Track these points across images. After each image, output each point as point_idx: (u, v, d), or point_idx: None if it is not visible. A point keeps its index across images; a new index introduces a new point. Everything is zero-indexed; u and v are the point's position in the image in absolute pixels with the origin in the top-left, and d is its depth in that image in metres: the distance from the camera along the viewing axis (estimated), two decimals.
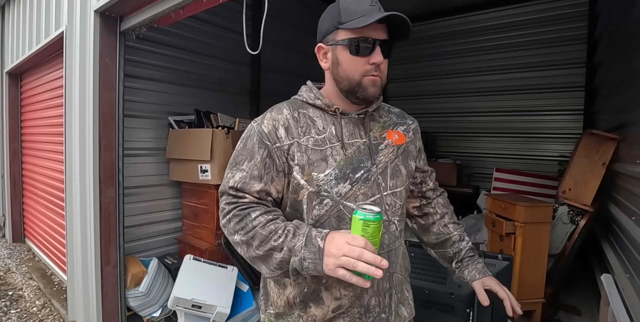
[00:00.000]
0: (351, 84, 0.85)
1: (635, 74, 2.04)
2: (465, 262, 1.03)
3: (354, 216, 0.73)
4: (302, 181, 0.84)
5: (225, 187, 0.86)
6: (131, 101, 2.65)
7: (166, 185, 2.91)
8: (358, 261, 0.69)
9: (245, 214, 0.81)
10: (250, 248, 0.81)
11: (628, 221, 1.88)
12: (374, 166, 0.88)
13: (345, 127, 0.89)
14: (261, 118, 0.89)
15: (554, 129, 4.17)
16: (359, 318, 0.88)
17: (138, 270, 2.34)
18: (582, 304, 2.65)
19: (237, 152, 0.88)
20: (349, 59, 0.83)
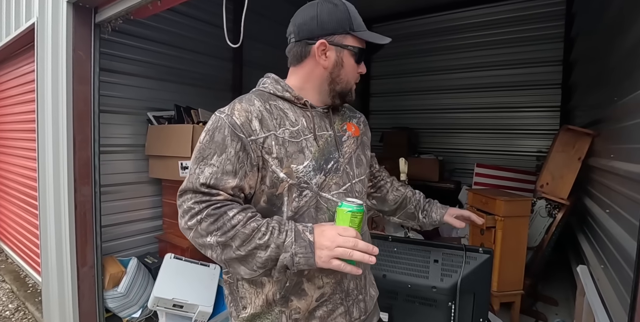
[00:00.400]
0: (347, 87, 0.92)
1: (609, 72, 2.10)
2: (427, 208, 1.17)
3: (340, 208, 0.78)
4: (282, 174, 0.82)
5: (193, 184, 0.79)
6: (108, 96, 2.57)
7: (145, 182, 2.83)
8: (353, 251, 0.73)
9: (221, 213, 0.76)
10: (227, 250, 0.76)
11: (602, 214, 1.94)
12: (341, 156, 0.91)
13: (314, 119, 0.90)
14: (229, 109, 0.84)
15: (532, 125, 4.28)
16: (340, 303, 0.90)
17: (116, 270, 2.28)
18: (559, 294, 2.74)
19: (203, 145, 0.82)
20: (352, 65, 0.90)
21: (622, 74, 1.77)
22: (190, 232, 0.78)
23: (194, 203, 0.77)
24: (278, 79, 0.92)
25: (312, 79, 0.91)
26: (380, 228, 3.03)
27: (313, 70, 0.90)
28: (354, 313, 0.93)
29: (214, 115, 0.85)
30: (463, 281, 1.27)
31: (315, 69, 0.90)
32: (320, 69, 0.89)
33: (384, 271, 1.35)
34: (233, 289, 0.93)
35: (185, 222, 0.78)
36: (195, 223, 0.77)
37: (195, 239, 0.78)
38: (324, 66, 0.89)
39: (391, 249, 1.37)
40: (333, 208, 0.87)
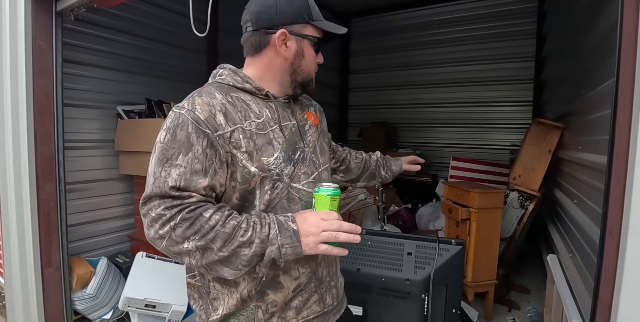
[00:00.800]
0: (307, 77, 0.91)
1: (576, 67, 2.16)
2: (386, 163, 1.29)
3: (317, 194, 0.78)
4: (253, 168, 0.80)
5: (161, 188, 0.72)
6: (73, 89, 2.45)
7: (116, 179, 2.73)
8: (339, 232, 0.74)
9: (197, 216, 0.71)
10: (208, 253, 0.72)
11: (570, 204, 2.00)
12: (306, 146, 0.91)
13: (277, 109, 0.88)
14: (190, 104, 0.78)
15: (506, 120, 4.38)
16: (315, 291, 0.90)
17: (85, 271, 2.19)
18: (531, 283, 2.82)
19: (165, 145, 0.75)
20: (312, 55, 0.89)
21: (588, 68, 1.82)
22: (163, 241, 0.72)
23: (164, 209, 0.72)
24: (236, 69, 0.88)
25: (272, 70, 0.88)
26: (358, 221, 3.04)
27: (273, 60, 0.87)
28: (327, 300, 0.94)
29: (173, 112, 0.79)
30: (436, 272, 1.28)
31: (276, 59, 0.87)
32: (281, 59, 0.87)
33: (357, 265, 1.35)
34: (203, 292, 0.89)
35: (156, 231, 0.72)
36: (169, 230, 0.71)
37: (169, 247, 0.73)
38: (285, 56, 0.86)
39: (365, 242, 1.36)
40: (305, 198, 0.86)
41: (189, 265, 0.75)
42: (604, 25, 1.57)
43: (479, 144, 4.53)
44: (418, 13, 4.83)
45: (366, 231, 1.40)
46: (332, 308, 0.96)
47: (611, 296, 0.64)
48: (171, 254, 0.74)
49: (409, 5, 4.82)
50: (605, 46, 1.54)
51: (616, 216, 0.64)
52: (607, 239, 0.68)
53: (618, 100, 0.66)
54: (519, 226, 2.59)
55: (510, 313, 2.44)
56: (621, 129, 0.63)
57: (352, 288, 1.35)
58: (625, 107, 0.65)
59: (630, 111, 0.62)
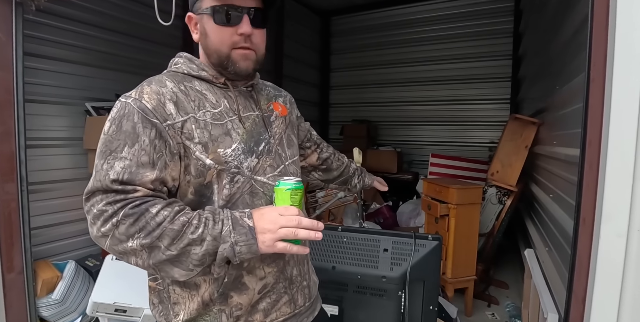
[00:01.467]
0: (220, 57, 0.79)
1: (550, 63, 2.19)
2: (362, 174, 1.29)
3: (278, 188, 0.73)
4: (208, 160, 0.74)
5: (102, 182, 0.67)
6: (36, 84, 2.32)
7: (85, 179, 2.59)
8: (298, 229, 0.69)
9: (142, 211, 0.65)
10: (155, 252, 0.66)
11: (546, 198, 2.02)
12: (271, 137, 0.85)
13: (237, 99, 0.82)
14: (137, 93, 0.73)
15: (484, 117, 4.44)
16: (284, 292, 0.85)
17: (50, 275, 2.08)
18: (510, 278, 2.85)
19: (109, 136, 0.70)
20: (215, 29, 0.77)
21: (561, 63, 1.84)
22: (106, 239, 0.66)
23: (106, 205, 0.66)
24: (192, 57, 0.83)
25: (203, 58, 0.84)
26: (338, 220, 3.01)
27: (200, 48, 0.84)
28: (298, 300, 0.88)
29: (119, 101, 0.73)
30: (413, 269, 1.25)
31: (200, 47, 0.83)
32: (198, 43, 0.83)
33: (333, 263, 1.31)
34: (163, 296, 0.83)
35: (98, 229, 0.66)
36: (111, 228, 0.65)
37: (113, 246, 0.66)
38: (196, 40, 0.83)
39: (341, 239, 1.32)
40: (270, 192, 0.81)
41: (137, 265, 0.68)
42: (574, 21, 1.58)
43: (458, 141, 4.59)
44: (397, 11, 4.84)
45: (342, 227, 1.37)
46: (304, 309, 0.91)
47: (585, 287, 0.62)
48: (116, 254, 0.68)
49: (388, 4, 4.84)
50: (576, 41, 1.56)
51: (589, 204, 0.62)
52: (581, 229, 0.66)
53: (590, 87, 0.65)
54: (497, 222, 2.62)
55: (489, 308, 2.45)
56: (593, 114, 0.61)
57: (328, 287, 1.31)
58: (597, 93, 0.63)
59: (602, 95, 0.60)
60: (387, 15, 4.92)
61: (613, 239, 0.57)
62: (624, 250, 0.56)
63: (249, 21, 0.76)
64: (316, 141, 1.17)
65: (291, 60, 4.74)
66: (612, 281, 0.58)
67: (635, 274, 0.56)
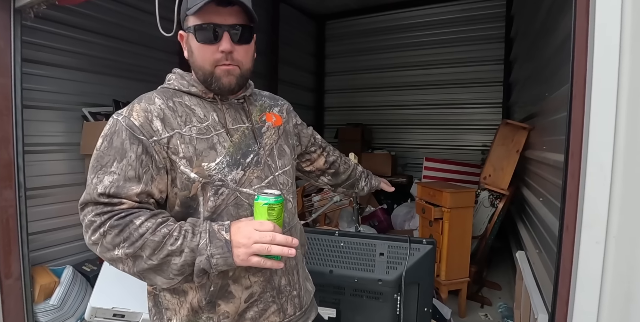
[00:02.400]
0: (204, 74, 0.81)
1: (541, 69, 2.25)
2: (368, 176, 1.32)
3: (256, 201, 0.74)
4: (193, 174, 0.78)
5: (91, 195, 0.72)
6: (34, 90, 2.33)
7: (81, 184, 2.56)
8: (271, 245, 0.71)
9: (126, 223, 0.70)
10: (138, 261, 0.71)
11: (537, 202, 2.07)
12: (261, 149, 0.87)
13: (227, 112, 0.85)
14: (127, 110, 0.78)
15: (477, 121, 4.51)
16: (272, 301, 0.87)
17: (48, 281, 2.09)
18: (502, 279, 2.91)
19: (101, 152, 0.75)
20: (198, 47, 0.80)
21: (551, 71, 1.89)
22: (97, 247, 0.72)
23: (95, 216, 0.71)
24: (183, 73, 0.87)
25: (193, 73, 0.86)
26: (334, 223, 3.04)
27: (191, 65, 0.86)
28: (288, 310, 0.90)
29: (111, 119, 0.78)
30: (408, 272, 1.29)
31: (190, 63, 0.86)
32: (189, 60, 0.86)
33: (330, 267, 1.34)
34: (157, 301, 0.87)
35: (89, 237, 0.72)
36: (99, 237, 0.70)
37: (103, 254, 0.72)
38: (185, 57, 0.85)
39: (337, 243, 1.36)
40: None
41: (125, 272, 0.73)
42: (562, 30, 1.64)
43: (451, 144, 4.65)
44: (391, 16, 4.91)
45: (338, 232, 1.40)
46: (295, 319, 0.92)
47: (568, 290, 0.66)
48: (107, 261, 0.74)
49: (383, 9, 4.90)
50: (564, 51, 1.61)
51: (572, 212, 0.67)
52: (564, 235, 0.70)
53: (572, 101, 0.69)
54: (490, 224, 2.67)
55: (482, 309, 2.50)
56: (575, 127, 0.66)
57: (325, 290, 1.35)
58: (578, 109, 0.67)
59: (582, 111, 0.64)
60: (382, 20, 4.98)
61: (593, 245, 0.62)
62: (602, 255, 0.61)
63: (230, 38, 0.78)
64: (321, 145, 1.18)
65: (286, 65, 4.78)
66: (592, 284, 0.62)
67: (612, 278, 0.61)
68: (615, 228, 0.60)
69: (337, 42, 5.38)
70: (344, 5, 4.97)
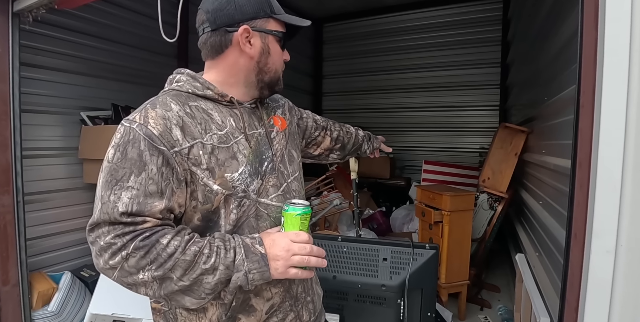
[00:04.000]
0: (275, 76, 0.84)
1: (539, 73, 2.26)
2: (371, 139, 1.35)
3: (286, 212, 0.73)
4: (216, 186, 0.73)
5: (109, 215, 0.65)
6: (32, 94, 2.31)
7: (80, 189, 2.59)
8: (310, 257, 0.71)
9: (152, 243, 0.64)
10: (167, 283, 0.65)
11: (536, 205, 2.09)
12: (274, 155, 0.84)
13: (243, 117, 0.81)
14: (142, 117, 0.70)
15: (474, 123, 4.53)
16: (290, 310, 0.85)
17: (46, 287, 2.06)
18: (501, 282, 2.92)
19: (114, 165, 0.67)
20: (278, 51, 0.82)
21: (550, 75, 1.91)
22: (114, 271, 0.65)
23: (114, 237, 0.64)
24: (195, 74, 0.81)
25: (237, 71, 0.81)
26: (333, 227, 3.04)
27: (237, 60, 0.79)
28: (304, 316, 0.89)
29: (122, 126, 0.70)
30: (411, 277, 1.29)
31: (240, 59, 0.79)
32: (246, 58, 0.79)
33: (333, 272, 1.34)
34: (170, 317, 0.81)
35: (105, 261, 0.65)
36: (120, 261, 0.64)
37: (122, 278, 0.66)
38: (250, 55, 0.79)
39: (341, 249, 1.36)
40: (274, 214, 0.81)
41: (146, 295, 0.69)
42: (561, 35, 1.65)
43: (449, 147, 4.67)
44: (389, 19, 4.93)
45: (342, 237, 1.40)
46: None
47: (577, 297, 0.67)
48: (125, 285, 0.68)
49: (380, 12, 4.92)
50: (564, 55, 1.63)
51: (580, 221, 0.67)
52: (573, 243, 0.71)
53: (580, 110, 0.70)
54: (489, 227, 2.68)
55: (482, 312, 2.51)
56: (583, 137, 0.66)
57: (329, 296, 1.34)
58: (587, 116, 0.68)
59: (591, 120, 0.65)
60: (379, 23, 5.00)
61: (603, 254, 0.63)
62: (612, 265, 0.62)
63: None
64: (323, 125, 1.17)
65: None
66: (602, 292, 0.62)
67: (623, 286, 0.61)
68: (626, 237, 0.61)
69: (334, 45, 5.39)
70: (342, 8, 4.98)
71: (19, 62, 1.94)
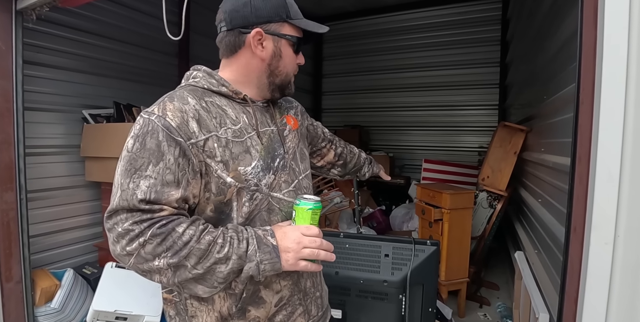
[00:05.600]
0: (286, 79, 0.86)
1: (538, 73, 2.28)
2: (372, 163, 1.36)
3: (298, 207, 0.76)
4: (229, 178, 0.75)
5: (128, 201, 0.67)
6: (35, 92, 2.32)
7: (81, 186, 2.61)
8: (319, 250, 0.73)
9: (168, 231, 0.66)
10: (181, 270, 0.67)
11: (535, 203, 2.11)
12: (286, 153, 0.87)
13: (255, 114, 0.83)
14: (160, 109, 0.72)
15: (473, 122, 4.56)
16: (299, 304, 0.87)
17: (49, 284, 2.07)
18: (500, 279, 2.94)
19: (133, 154, 0.69)
20: (291, 55, 0.84)
21: (549, 75, 1.93)
22: (130, 258, 0.67)
23: (132, 224, 0.66)
24: (211, 71, 0.83)
25: (249, 72, 0.83)
26: (333, 225, 3.06)
27: (249, 62, 0.82)
28: (312, 311, 0.91)
29: (141, 118, 0.73)
30: (413, 273, 1.31)
31: (252, 61, 0.82)
32: (257, 60, 0.82)
33: (336, 268, 1.36)
34: (180, 308, 0.83)
35: (123, 247, 0.67)
36: (138, 247, 0.66)
37: (137, 265, 0.68)
38: (262, 57, 0.81)
39: (343, 245, 1.37)
40: (285, 208, 0.83)
41: (159, 283, 0.71)
42: (560, 35, 1.67)
43: (448, 146, 4.69)
44: (388, 19, 4.95)
45: (344, 234, 1.42)
46: (317, 319, 0.93)
47: (577, 289, 0.69)
48: (139, 272, 0.70)
49: (379, 12, 4.94)
50: (563, 55, 1.65)
51: (580, 215, 0.69)
52: (572, 236, 0.72)
53: (579, 107, 0.72)
54: (488, 225, 2.70)
55: (481, 309, 2.53)
56: (583, 133, 0.68)
57: (332, 291, 1.35)
58: (586, 114, 0.70)
59: (591, 117, 0.67)
60: (378, 23, 5.02)
61: (601, 246, 0.64)
62: (611, 256, 0.63)
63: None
64: (330, 138, 1.20)
65: None
66: (601, 284, 0.64)
67: (621, 277, 0.63)
68: (623, 229, 0.63)
69: (334, 44, 5.41)
70: (341, 7, 5.00)
71: (22, 60, 1.95)
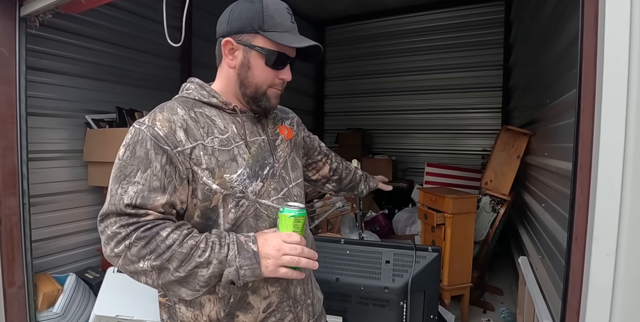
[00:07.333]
0: (257, 92, 0.85)
1: (541, 76, 2.27)
2: (367, 179, 1.35)
3: (282, 214, 0.77)
4: (215, 185, 0.78)
5: (116, 206, 0.71)
6: (38, 98, 2.34)
7: (84, 191, 2.62)
8: (300, 257, 0.73)
9: (153, 234, 0.70)
10: (164, 273, 0.70)
11: (539, 208, 2.09)
12: (276, 161, 0.88)
13: (245, 125, 0.86)
14: (150, 120, 0.77)
15: (476, 126, 4.54)
16: (289, 311, 0.88)
17: (51, 288, 2.08)
18: (504, 284, 2.91)
19: (123, 162, 0.74)
20: (262, 67, 0.83)
21: (552, 78, 1.92)
22: (119, 259, 0.71)
23: (120, 227, 0.70)
24: (203, 83, 0.87)
25: (229, 81, 0.86)
26: (335, 229, 3.05)
27: (227, 70, 0.86)
28: (302, 318, 0.91)
29: (133, 128, 0.77)
30: (414, 279, 1.30)
31: (228, 70, 0.85)
32: (230, 69, 0.85)
33: (336, 275, 1.35)
34: (172, 312, 0.86)
35: (111, 249, 0.70)
36: (124, 249, 0.69)
37: (125, 266, 0.71)
38: (230, 66, 0.84)
39: (343, 251, 1.36)
40: (274, 215, 0.84)
41: (147, 284, 0.73)
42: (563, 39, 1.66)
43: (451, 149, 4.67)
44: (391, 22, 4.95)
45: (344, 240, 1.41)
46: None
47: (579, 300, 0.67)
48: (128, 273, 0.73)
49: (382, 15, 4.94)
50: (565, 59, 1.63)
51: (581, 224, 0.68)
52: (574, 247, 0.71)
53: (580, 114, 0.71)
54: (492, 229, 2.68)
55: (485, 314, 2.50)
56: (584, 141, 0.67)
57: (332, 298, 1.35)
58: (587, 120, 0.69)
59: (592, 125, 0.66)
60: (381, 26, 5.02)
61: (603, 257, 0.63)
62: (613, 267, 0.62)
63: (289, 69, 0.86)
64: (325, 152, 1.21)
65: None
66: (603, 295, 0.63)
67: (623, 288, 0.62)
68: (625, 240, 0.62)
69: (337, 48, 5.42)
70: (344, 11, 5.01)
71: (25, 66, 1.97)
